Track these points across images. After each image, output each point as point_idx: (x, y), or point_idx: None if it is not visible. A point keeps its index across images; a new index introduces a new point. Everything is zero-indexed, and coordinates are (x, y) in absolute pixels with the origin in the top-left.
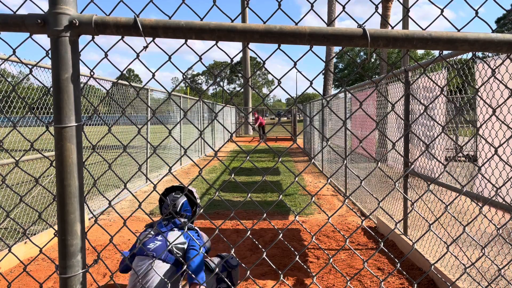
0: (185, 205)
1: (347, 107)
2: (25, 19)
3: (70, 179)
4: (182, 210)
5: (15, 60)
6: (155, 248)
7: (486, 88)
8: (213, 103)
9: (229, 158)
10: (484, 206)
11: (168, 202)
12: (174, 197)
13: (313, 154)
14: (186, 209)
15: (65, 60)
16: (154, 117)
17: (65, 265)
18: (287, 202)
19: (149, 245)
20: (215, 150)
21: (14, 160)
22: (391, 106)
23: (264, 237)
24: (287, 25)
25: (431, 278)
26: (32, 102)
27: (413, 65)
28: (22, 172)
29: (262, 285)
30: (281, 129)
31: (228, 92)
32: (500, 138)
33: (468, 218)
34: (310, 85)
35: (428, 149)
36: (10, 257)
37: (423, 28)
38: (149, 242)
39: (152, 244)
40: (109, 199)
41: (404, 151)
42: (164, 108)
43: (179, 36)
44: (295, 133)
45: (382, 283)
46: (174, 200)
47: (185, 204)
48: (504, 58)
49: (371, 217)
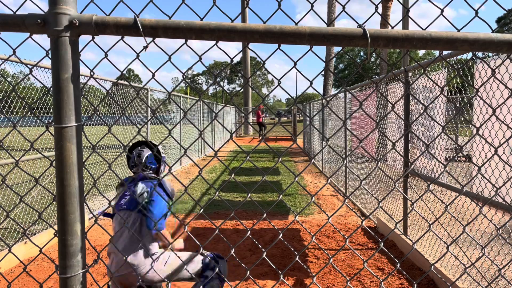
0: (150, 158)
1: (347, 107)
2: (25, 19)
3: (70, 179)
4: (147, 163)
5: (15, 60)
6: (125, 202)
7: (486, 88)
8: (213, 103)
9: (229, 158)
10: (484, 206)
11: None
12: (140, 151)
13: (313, 154)
14: (150, 161)
15: (65, 60)
16: (154, 117)
17: (65, 265)
18: (287, 202)
19: (121, 201)
20: (215, 150)
21: (14, 160)
22: (391, 106)
23: (264, 237)
24: (287, 25)
25: (431, 278)
26: (32, 102)
27: (413, 65)
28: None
29: (262, 285)
30: (281, 129)
31: (228, 92)
32: (500, 138)
33: (468, 218)
34: (310, 85)
35: (428, 149)
36: (10, 257)
37: (423, 28)
38: (121, 199)
39: (123, 200)
40: (109, 199)
41: (404, 151)
42: (164, 108)
43: (179, 36)
44: (295, 133)
45: (382, 283)
46: (139, 153)
47: (149, 156)
48: (504, 58)
49: (371, 217)
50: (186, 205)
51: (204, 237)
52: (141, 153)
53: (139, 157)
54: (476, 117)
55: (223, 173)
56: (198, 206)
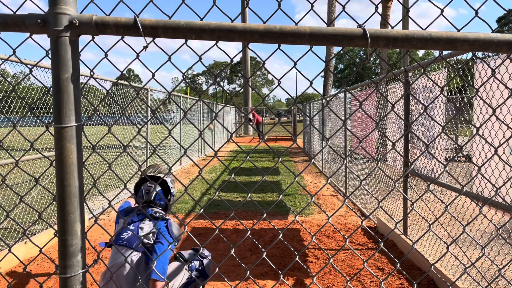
0: (159, 195)
1: (347, 107)
2: (25, 19)
3: (70, 179)
4: (156, 199)
5: (15, 60)
6: (127, 238)
7: (486, 88)
8: (213, 103)
9: (229, 158)
10: (484, 206)
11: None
12: (149, 186)
13: (313, 154)
14: (159, 198)
15: (65, 60)
16: (154, 117)
17: (65, 265)
18: (287, 202)
19: (122, 234)
20: (215, 150)
21: (14, 160)
22: (391, 106)
23: (264, 237)
24: (287, 25)
25: (431, 278)
26: (32, 102)
27: (413, 65)
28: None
29: (262, 285)
30: (281, 129)
31: (228, 92)
32: (500, 138)
33: (468, 218)
34: (310, 85)
35: (428, 149)
36: (10, 257)
37: (423, 28)
38: (123, 232)
39: (125, 234)
40: (109, 199)
41: (404, 151)
42: (164, 108)
43: (179, 36)
44: (295, 133)
45: (382, 283)
46: (149, 190)
47: (159, 193)
48: (504, 58)
49: (371, 217)
50: (186, 205)
51: (204, 237)
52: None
53: (148, 194)
54: (476, 117)
55: (223, 173)
56: (198, 206)
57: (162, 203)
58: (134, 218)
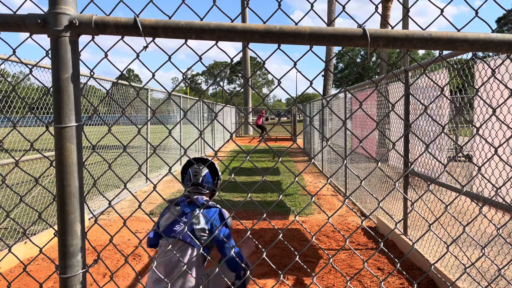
0: (208, 177)
1: (347, 107)
2: (25, 19)
3: (70, 179)
4: (204, 182)
5: (15, 60)
6: (180, 230)
7: (486, 88)
8: (213, 103)
9: (229, 158)
10: (484, 206)
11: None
12: (197, 169)
13: (313, 154)
14: (208, 180)
15: (65, 60)
16: (154, 117)
17: (65, 265)
18: (287, 202)
19: (175, 227)
20: (215, 150)
21: (14, 160)
22: (391, 106)
23: (264, 237)
24: (287, 25)
25: (431, 278)
26: (32, 102)
27: (413, 65)
28: (22, 172)
29: (262, 285)
30: (281, 129)
31: (228, 92)
32: (500, 138)
33: (468, 218)
34: (310, 85)
35: (428, 149)
36: (10, 257)
37: (423, 28)
38: (175, 224)
39: (177, 226)
40: (109, 199)
41: (404, 151)
42: (164, 108)
43: (179, 36)
44: (295, 133)
45: (382, 283)
46: (197, 172)
47: (207, 175)
48: (504, 58)
49: (371, 217)
50: None
51: None
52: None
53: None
54: (476, 117)
55: (223, 173)
56: None
57: (209, 186)
58: (185, 209)
